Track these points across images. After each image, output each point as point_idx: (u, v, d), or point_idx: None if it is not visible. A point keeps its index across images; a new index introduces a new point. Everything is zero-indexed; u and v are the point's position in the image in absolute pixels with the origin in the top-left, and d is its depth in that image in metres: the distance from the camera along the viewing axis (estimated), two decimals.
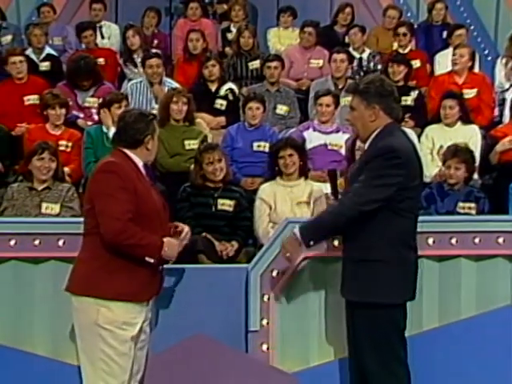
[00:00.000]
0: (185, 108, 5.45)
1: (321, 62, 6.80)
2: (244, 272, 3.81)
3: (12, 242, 3.77)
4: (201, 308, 3.76)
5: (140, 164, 3.19)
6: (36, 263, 3.81)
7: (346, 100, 6.09)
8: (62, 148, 5.16)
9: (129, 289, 3.07)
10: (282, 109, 6.20)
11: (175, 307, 3.72)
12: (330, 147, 5.39)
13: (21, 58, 6.00)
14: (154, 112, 5.90)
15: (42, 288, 3.77)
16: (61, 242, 3.75)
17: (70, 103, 5.70)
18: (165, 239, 3.13)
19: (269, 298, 3.77)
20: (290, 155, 4.67)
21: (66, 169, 5.02)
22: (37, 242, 3.77)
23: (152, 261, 3.08)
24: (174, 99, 5.44)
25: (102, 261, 3.08)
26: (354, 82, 3.36)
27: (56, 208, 4.47)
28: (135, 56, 6.64)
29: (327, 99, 5.51)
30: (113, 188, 3.05)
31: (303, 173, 4.74)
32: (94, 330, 3.06)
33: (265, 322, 3.77)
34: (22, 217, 4.37)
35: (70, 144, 5.27)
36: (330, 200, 3.36)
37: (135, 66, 6.71)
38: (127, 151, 3.17)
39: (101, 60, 6.46)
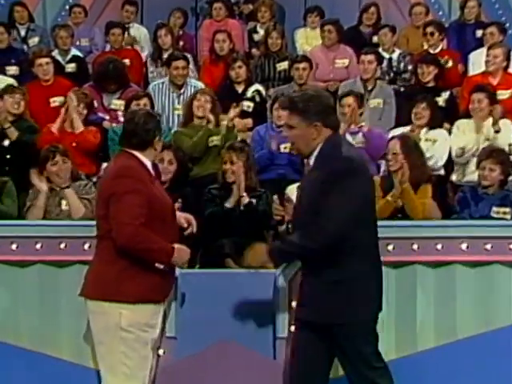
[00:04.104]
0: (208, 106, 5.45)
1: (346, 61, 6.73)
2: (272, 277, 3.77)
3: (38, 246, 3.79)
4: (227, 314, 3.73)
5: (149, 165, 3.20)
6: (61, 267, 3.83)
7: (375, 102, 6.07)
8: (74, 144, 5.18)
9: (148, 290, 3.08)
10: None
11: (201, 312, 3.71)
12: (356, 146, 5.35)
13: (47, 59, 6.07)
14: (178, 113, 5.96)
15: (67, 292, 3.77)
16: (86, 246, 3.76)
17: (96, 105, 5.75)
18: (176, 246, 3.14)
19: None
20: None
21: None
22: (62, 246, 3.79)
23: (162, 266, 3.09)
24: (198, 96, 5.45)
25: (120, 264, 3.08)
26: (289, 97, 3.21)
27: None
28: (165, 56, 6.62)
29: (349, 100, 5.47)
30: (127, 192, 3.06)
31: None
32: (116, 334, 3.06)
33: (293, 328, 3.72)
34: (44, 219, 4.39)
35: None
36: (275, 204, 3.33)
37: (163, 66, 6.72)
38: (136, 153, 3.17)
39: (126, 61, 6.49)
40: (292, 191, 4.59)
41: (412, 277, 3.85)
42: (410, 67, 6.70)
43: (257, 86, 6.29)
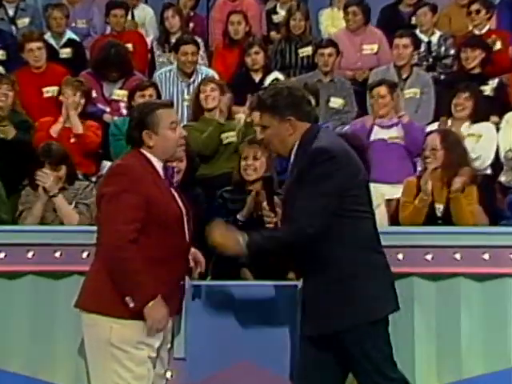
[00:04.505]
0: (216, 94, 5.46)
1: (375, 46, 6.73)
2: (294, 290, 3.78)
3: (30, 254, 3.83)
4: (243, 331, 3.76)
5: (158, 165, 3.19)
6: (56, 278, 3.87)
7: (411, 92, 6.07)
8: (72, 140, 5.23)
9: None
10: (336, 102, 6.18)
11: (213, 330, 3.74)
12: (389, 141, 5.36)
13: (39, 44, 6.08)
14: (187, 104, 5.99)
15: (64, 307, 3.80)
16: (85, 254, 3.81)
17: (95, 95, 5.79)
18: (157, 300, 3.06)
19: None
20: None
21: None
22: (58, 254, 3.83)
23: (131, 305, 3.04)
24: (202, 87, 5.50)
25: None
26: (258, 96, 3.36)
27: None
28: (173, 40, 6.67)
29: (382, 90, 5.48)
30: (120, 192, 3.07)
31: None
32: (106, 350, 3.09)
33: None
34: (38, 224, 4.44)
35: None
36: (265, 210, 3.37)
37: (170, 51, 6.75)
38: (145, 151, 3.19)
39: (129, 46, 6.50)
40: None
41: (455, 290, 3.85)
42: (451, 51, 6.68)
43: (276, 75, 6.31)
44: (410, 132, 5.33)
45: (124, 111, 5.77)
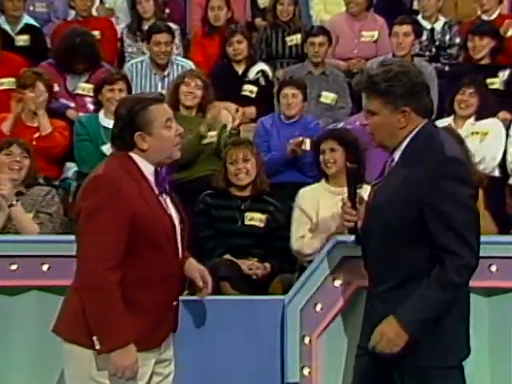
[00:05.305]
0: (199, 93, 5.51)
1: (375, 34, 6.81)
2: (280, 306, 3.83)
3: None
4: (224, 352, 3.79)
5: (148, 171, 3.12)
6: (12, 294, 3.87)
7: None
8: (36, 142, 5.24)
9: (134, 335, 3.04)
10: (328, 97, 6.25)
11: (191, 350, 3.75)
12: None
13: None
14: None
15: (21, 327, 3.82)
16: (45, 267, 3.82)
17: (57, 88, 5.79)
18: (126, 348, 2.99)
19: (311, 341, 3.79)
20: (332, 150, 4.68)
21: None
22: (14, 267, 3.83)
23: (97, 347, 2.99)
24: (186, 80, 5.52)
25: None
26: (367, 75, 3.16)
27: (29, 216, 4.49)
28: (146, 27, 6.68)
29: None
30: (100, 209, 2.99)
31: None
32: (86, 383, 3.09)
33: (306, 371, 3.79)
34: None
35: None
36: (346, 207, 3.30)
37: (142, 40, 6.75)
38: (134, 155, 3.11)
39: (96, 33, 6.51)
40: (305, 197, 4.68)
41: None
42: (457, 40, 6.75)
43: (261, 66, 6.37)
44: None
45: (90, 107, 5.80)
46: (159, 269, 3.09)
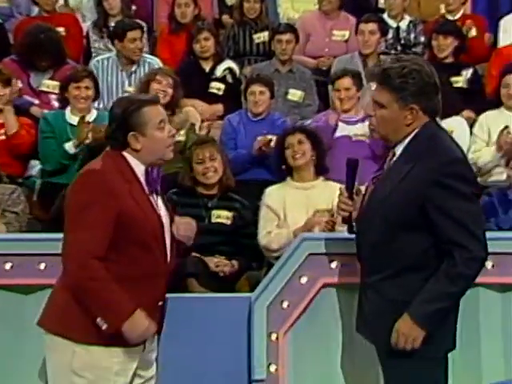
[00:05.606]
0: (170, 91, 5.50)
1: (346, 33, 6.82)
2: (246, 303, 3.83)
3: None
4: (190, 349, 3.78)
5: (139, 170, 3.15)
6: None
7: None
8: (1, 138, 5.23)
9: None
10: (295, 94, 6.26)
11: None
12: (354, 139, 5.45)
13: None
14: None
15: None
16: (8, 266, 3.78)
17: (20, 85, 5.76)
18: (134, 315, 3.02)
19: (278, 337, 3.79)
20: (300, 142, 4.71)
21: None
22: None
23: (104, 327, 3.01)
24: (158, 78, 5.50)
25: None
26: (382, 68, 3.20)
27: None
28: (112, 24, 6.65)
29: (346, 82, 5.56)
30: (90, 204, 3.03)
31: (321, 171, 4.79)
32: (67, 377, 3.08)
33: (273, 368, 3.79)
34: None
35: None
36: (342, 196, 3.32)
37: (109, 37, 6.70)
38: (127, 154, 3.14)
39: (61, 30, 6.46)
40: (272, 195, 4.69)
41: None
42: (422, 38, 6.80)
43: (229, 63, 6.36)
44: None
45: (55, 104, 5.76)
46: (144, 267, 3.10)
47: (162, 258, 3.16)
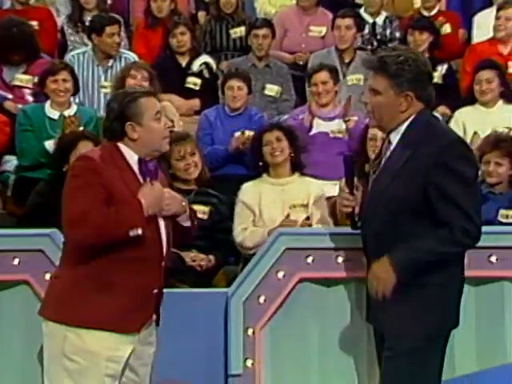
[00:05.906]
0: (146, 85, 5.47)
1: (323, 29, 6.82)
2: (223, 298, 3.84)
3: None
4: (166, 344, 3.73)
5: (131, 158, 3.18)
6: None
7: (354, 78, 6.17)
8: None
9: (108, 315, 3.08)
10: (272, 89, 6.26)
11: None
12: (332, 135, 5.45)
13: None
14: (106, 91, 5.95)
15: None
16: None
17: None
18: (142, 190, 3.11)
19: (254, 332, 3.80)
20: (278, 139, 4.72)
21: None
22: None
23: (139, 231, 3.06)
24: (132, 72, 5.48)
25: (76, 279, 3.11)
26: (378, 56, 3.31)
27: None
28: (88, 18, 6.59)
29: (322, 76, 5.57)
30: (78, 186, 3.09)
31: (297, 167, 4.79)
32: (60, 362, 3.10)
33: (249, 363, 3.80)
34: None
35: None
36: (343, 192, 3.38)
37: (84, 31, 6.65)
38: (121, 145, 3.18)
39: (34, 24, 6.38)
40: (247, 191, 4.69)
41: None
42: (397, 34, 6.83)
43: (205, 58, 6.34)
44: (358, 127, 5.40)
45: (30, 98, 5.71)
46: (135, 251, 3.11)
47: (155, 245, 3.17)
